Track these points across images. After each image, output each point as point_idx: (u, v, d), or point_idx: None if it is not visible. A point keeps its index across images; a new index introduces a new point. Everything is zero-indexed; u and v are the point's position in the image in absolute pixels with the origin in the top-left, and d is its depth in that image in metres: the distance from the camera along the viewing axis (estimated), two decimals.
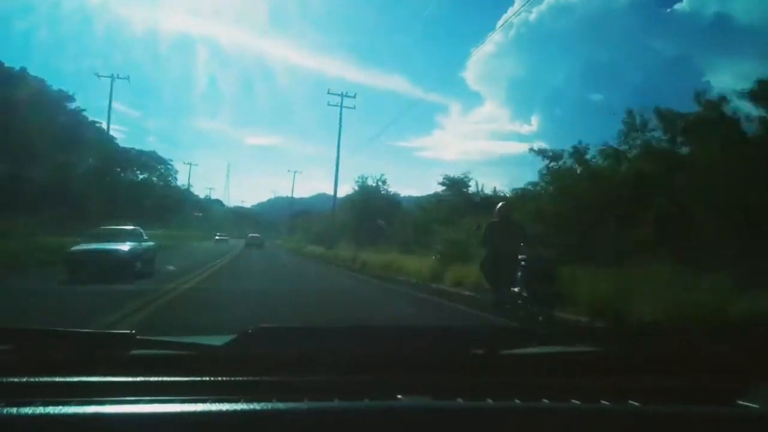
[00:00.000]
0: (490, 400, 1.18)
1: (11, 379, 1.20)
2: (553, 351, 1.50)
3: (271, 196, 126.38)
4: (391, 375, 1.30)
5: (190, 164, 80.00)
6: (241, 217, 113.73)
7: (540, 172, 18.70)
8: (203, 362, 1.33)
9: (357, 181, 43.67)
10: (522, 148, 46.37)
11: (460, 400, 1.18)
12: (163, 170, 79.39)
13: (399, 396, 1.19)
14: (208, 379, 1.26)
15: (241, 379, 1.26)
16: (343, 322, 5.07)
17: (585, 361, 1.44)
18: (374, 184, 42.82)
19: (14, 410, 1.00)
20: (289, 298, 11.08)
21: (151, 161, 77.82)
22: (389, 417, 1.08)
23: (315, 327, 1.64)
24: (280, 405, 1.06)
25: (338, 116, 41.65)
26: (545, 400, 1.19)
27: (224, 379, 1.26)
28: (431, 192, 35.48)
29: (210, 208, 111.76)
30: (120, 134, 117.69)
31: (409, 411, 1.12)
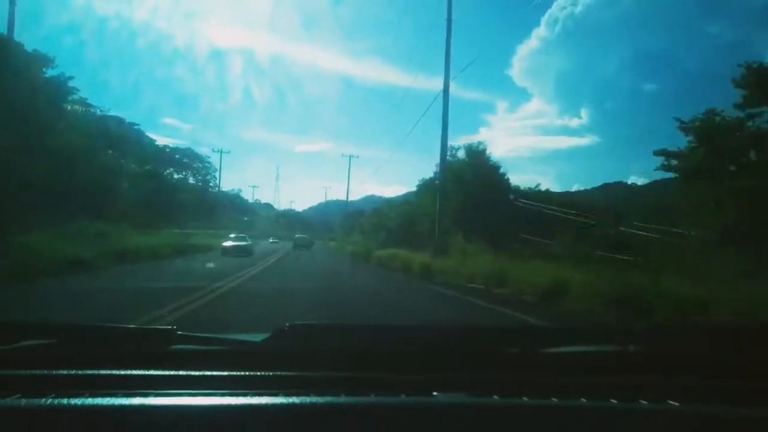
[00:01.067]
0: (526, 398, 1.15)
1: (61, 372, 1.23)
2: (591, 350, 1.46)
3: (322, 200, 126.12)
4: (427, 372, 1.28)
5: (221, 151, 67.76)
6: (291, 220, 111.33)
7: None
8: (241, 357, 1.35)
9: (453, 154, 29.03)
10: (572, 142, 33.47)
11: (495, 397, 1.16)
12: (199, 167, 69.17)
13: (435, 393, 1.17)
14: (246, 373, 1.26)
15: (278, 374, 1.27)
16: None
17: (623, 359, 1.40)
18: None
19: (64, 401, 1.04)
20: None
21: (184, 158, 67.71)
22: (425, 413, 1.08)
23: (350, 324, 1.66)
24: (318, 399, 1.07)
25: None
26: (583, 399, 1.15)
27: (262, 374, 1.26)
28: None
29: (258, 211, 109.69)
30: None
31: (444, 407, 1.12)
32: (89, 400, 1.04)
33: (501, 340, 1.51)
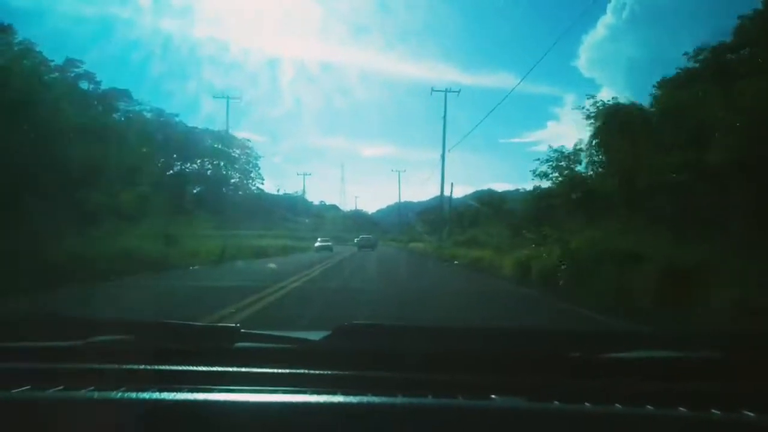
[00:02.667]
0: (588, 404, 1.11)
1: (131, 367, 1.28)
2: (658, 355, 1.39)
3: (391, 202, 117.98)
4: (485, 375, 1.28)
5: (228, 97, 46.64)
6: (359, 222, 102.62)
7: None
8: (302, 356, 1.37)
9: None
10: None
11: (556, 402, 1.12)
12: (237, 155, 52.73)
13: (493, 396, 1.16)
14: (306, 372, 1.28)
15: (337, 373, 1.28)
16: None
17: (694, 366, 1.34)
18: None
19: (133, 395, 1.08)
20: None
21: (217, 141, 51.27)
22: (483, 416, 1.07)
23: (408, 325, 1.64)
24: (375, 399, 1.08)
25: None
26: (649, 407, 1.11)
27: (321, 372, 1.28)
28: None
29: (324, 213, 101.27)
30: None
31: (503, 411, 1.10)
32: (156, 395, 1.08)
33: (562, 344, 1.47)
